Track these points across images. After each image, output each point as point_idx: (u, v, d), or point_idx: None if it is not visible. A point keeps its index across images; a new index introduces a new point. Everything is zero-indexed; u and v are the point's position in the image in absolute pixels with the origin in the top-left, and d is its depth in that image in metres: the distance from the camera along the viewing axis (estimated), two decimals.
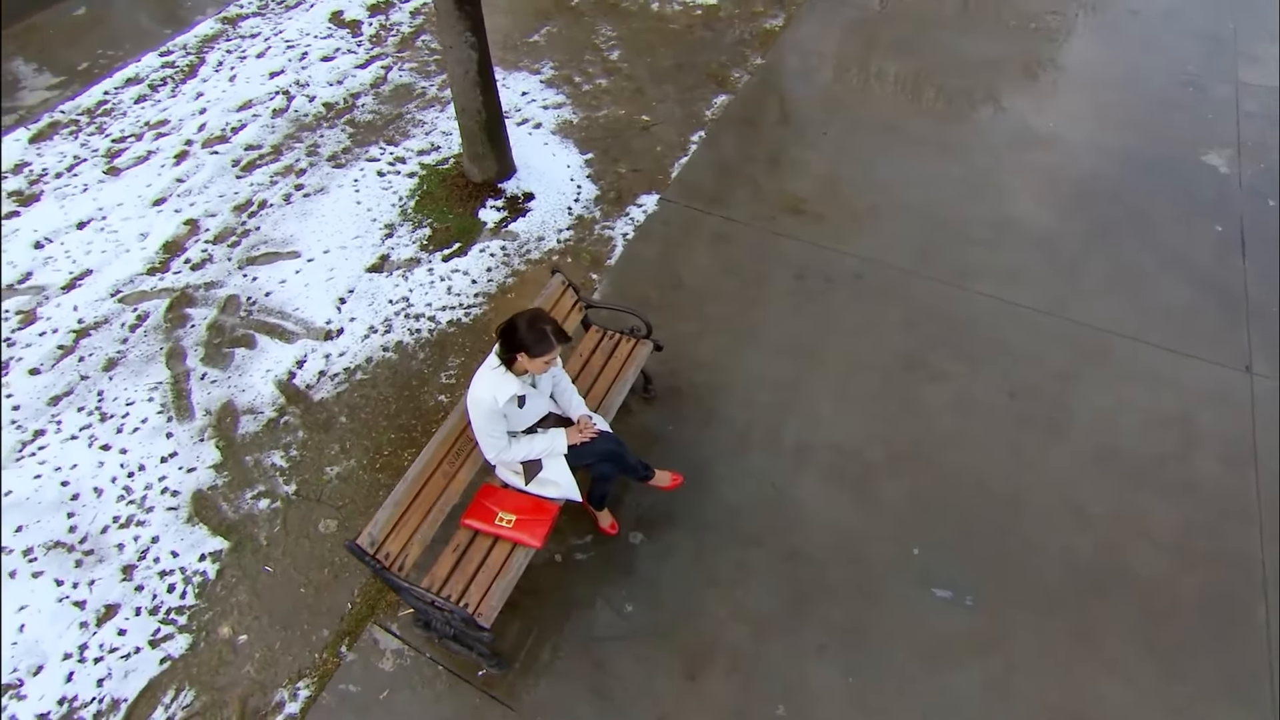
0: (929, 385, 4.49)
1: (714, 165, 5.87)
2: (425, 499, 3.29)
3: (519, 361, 3.08)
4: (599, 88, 6.52)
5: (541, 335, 2.99)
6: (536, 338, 2.99)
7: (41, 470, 4.14)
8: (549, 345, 3.00)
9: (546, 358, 3.03)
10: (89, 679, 3.47)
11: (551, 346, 3.01)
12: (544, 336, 2.99)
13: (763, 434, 4.28)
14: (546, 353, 3.01)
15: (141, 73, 6.66)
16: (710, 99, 6.41)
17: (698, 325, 4.80)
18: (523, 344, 3.00)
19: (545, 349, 3.00)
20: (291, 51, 6.83)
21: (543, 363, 3.05)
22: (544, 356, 3.02)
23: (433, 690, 3.43)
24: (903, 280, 5.04)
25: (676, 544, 3.87)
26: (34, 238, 5.28)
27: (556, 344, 3.02)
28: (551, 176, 5.67)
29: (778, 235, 5.34)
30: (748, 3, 7.50)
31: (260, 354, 4.66)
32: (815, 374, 4.55)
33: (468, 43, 4.74)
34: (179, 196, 5.56)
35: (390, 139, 6.03)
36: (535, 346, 3.00)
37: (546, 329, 3.00)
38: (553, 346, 3.01)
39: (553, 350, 3.02)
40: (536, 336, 2.99)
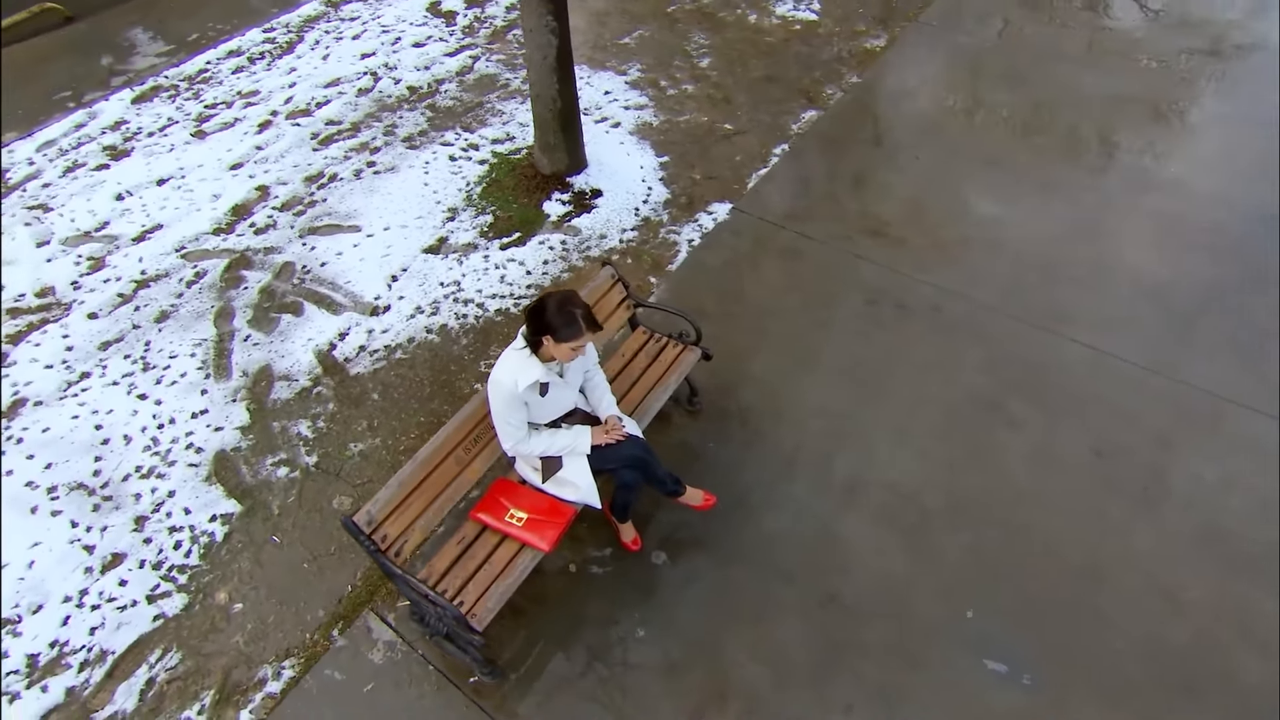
0: (1003, 432, 4.04)
1: (794, 179, 5.56)
2: (433, 484, 3.07)
3: (545, 346, 2.85)
4: (684, 93, 6.33)
5: (570, 319, 2.75)
6: (565, 320, 2.75)
7: (80, 411, 4.14)
8: (577, 330, 2.76)
9: (574, 344, 2.79)
10: (83, 625, 3.39)
11: (580, 332, 2.76)
12: (573, 320, 2.75)
13: (811, 464, 3.92)
14: (574, 338, 2.77)
15: (243, 46, 6.84)
16: (799, 113, 6.12)
17: (755, 341, 4.48)
18: (550, 326, 2.77)
19: (573, 334, 2.76)
20: (385, 36, 6.91)
21: (570, 349, 2.81)
22: (571, 342, 2.78)
23: (419, 690, 3.19)
24: (986, 317, 4.60)
25: (702, 570, 3.54)
26: (117, 190, 5.40)
27: (586, 330, 2.77)
28: (623, 175, 5.48)
29: (853, 256, 4.98)
30: (850, 21, 7.20)
31: (305, 322, 4.59)
32: (876, 407, 4.16)
33: (548, 27, 4.61)
34: (255, 163, 5.62)
35: (467, 126, 5.97)
36: (563, 330, 2.76)
37: (576, 313, 2.76)
38: (581, 332, 2.76)
39: (581, 336, 2.77)
40: (565, 319, 2.75)
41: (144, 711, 3.16)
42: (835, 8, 7.39)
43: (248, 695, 3.19)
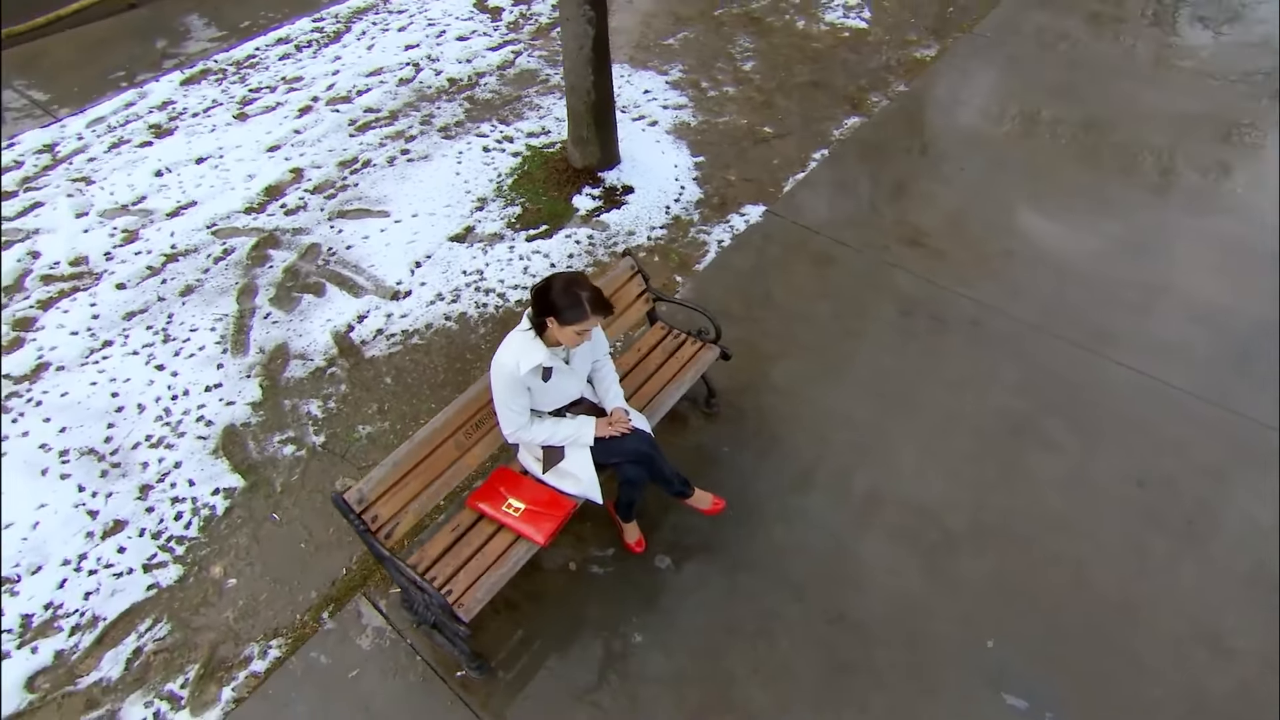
0: (1037, 455, 3.81)
1: (832, 185, 5.39)
2: (430, 467, 2.98)
3: (550, 329, 2.74)
4: (725, 95, 6.21)
5: (575, 300, 2.63)
6: (570, 302, 2.63)
7: (98, 379, 4.16)
8: (582, 313, 2.64)
9: (578, 327, 2.67)
10: (78, 589, 3.36)
11: (585, 315, 2.64)
12: (578, 302, 2.63)
13: (830, 476, 3.74)
14: (579, 321, 2.65)
15: (292, 34, 6.94)
16: (841, 120, 5.96)
17: (779, 347, 4.32)
18: (554, 307, 2.65)
19: (577, 316, 2.64)
20: (431, 29, 6.94)
21: (574, 333, 2.69)
22: (576, 325, 2.66)
23: (404, 681, 3.08)
24: (1027, 335, 4.37)
25: (707, 578, 3.38)
26: (157, 166, 5.48)
27: (591, 314, 2.65)
28: (655, 173, 5.38)
29: (889, 265, 4.79)
30: (900, 30, 7.02)
31: (326, 303, 4.57)
32: (902, 421, 3.96)
33: (585, 16, 4.54)
34: (292, 146, 5.66)
35: (503, 118, 5.94)
36: (567, 311, 2.64)
37: (583, 295, 2.64)
38: (586, 315, 2.64)
39: (586, 320, 2.65)
40: (570, 301, 2.63)
41: (128, 681, 3.11)
42: (886, 17, 7.22)
43: (232, 673, 3.12)
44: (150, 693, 3.07)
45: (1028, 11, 7.30)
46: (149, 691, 3.07)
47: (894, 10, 7.32)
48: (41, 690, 3.09)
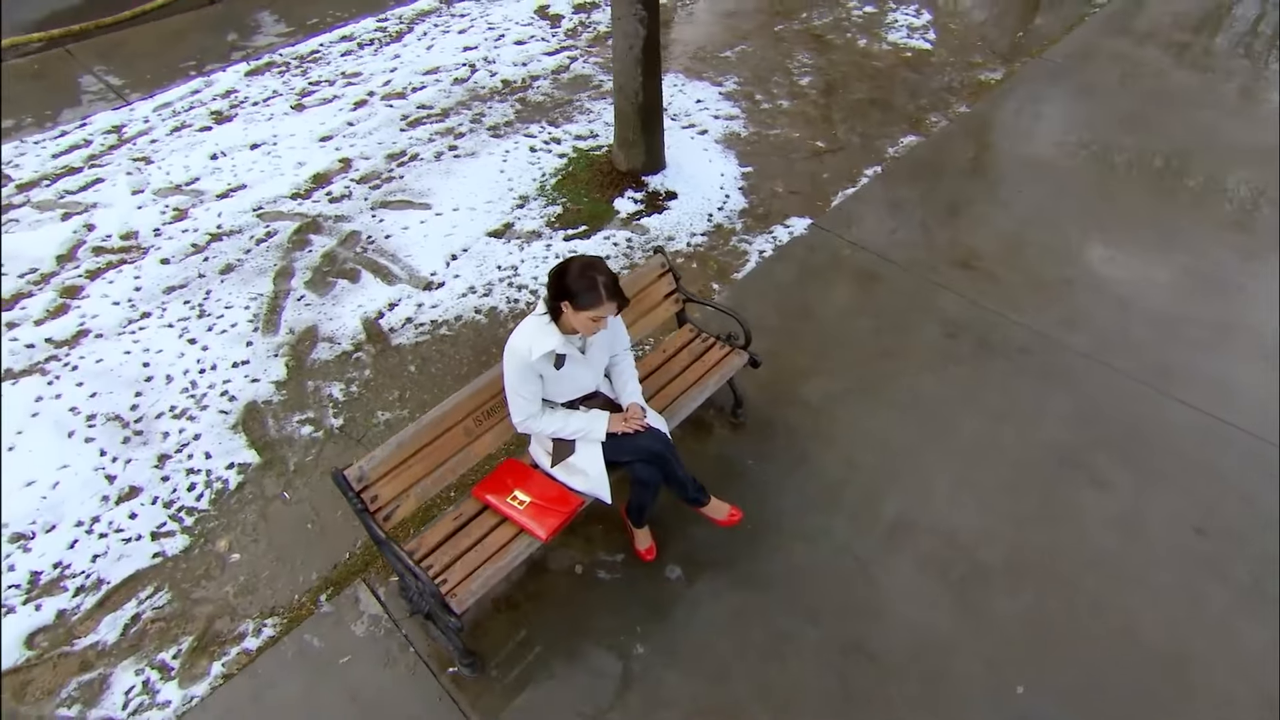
0: (1086, 493, 3.54)
1: (882, 202, 5.21)
2: (436, 451, 2.89)
3: (565, 314, 2.64)
4: (779, 108, 6.10)
5: (591, 284, 2.53)
6: (585, 285, 2.53)
7: (133, 348, 4.21)
8: (597, 298, 2.53)
9: (593, 313, 2.56)
10: (87, 551, 3.36)
11: (600, 301, 2.53)
12: (593, 286, 2.52)
13: (857, 497, 3.54)
14: (593, 307, 2.54)
15: (356, 33, 7.08)
16: (898, 138, 5.78)
17: (814, 361, 4.15)
18: (569, 291, 2.55)
19: (592, 301, 2.53)
20: (490, 33, 7.01)
21: (589, 319, 2.58)
22: (590, 311, 2.55)
23: (393, 672, 2.98)
24: (1081, 366, 4.11)
25: (718, 593, 3.21)
26: (213, 150, 5.60)
27: (607, 300, 2.54)
28: (700, 181, 5.28)
29: (937, 286, 4.58)
30: (966, 53, 6.82)
31: (359, 289, 4.56)
32: (939, 446, 3.74)
33: (637, 15, 4.49)
34: (344, 137, 5.73)
35: (553, 120, 5.93)
36: (582, 296, 2.53)
37: (599, 279, 2.53)
38: (601, 301, 2.54)
39: (601, 305, 2.54)
40: (585, 284, 2.53)
41: (123, 646, 3.08)
42: (952, 39, 7.04)
43: (224, 648, 3.06)
44: (143, 660, 3.03)
45: (1106, 39, 7.03)
46: (141, 659, 3.03)
47: (960, 33, 7.13)
48: (39, 648, 3.08)
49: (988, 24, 7.25)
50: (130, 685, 2.96)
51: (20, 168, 5.52)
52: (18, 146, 5.73)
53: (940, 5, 7.59)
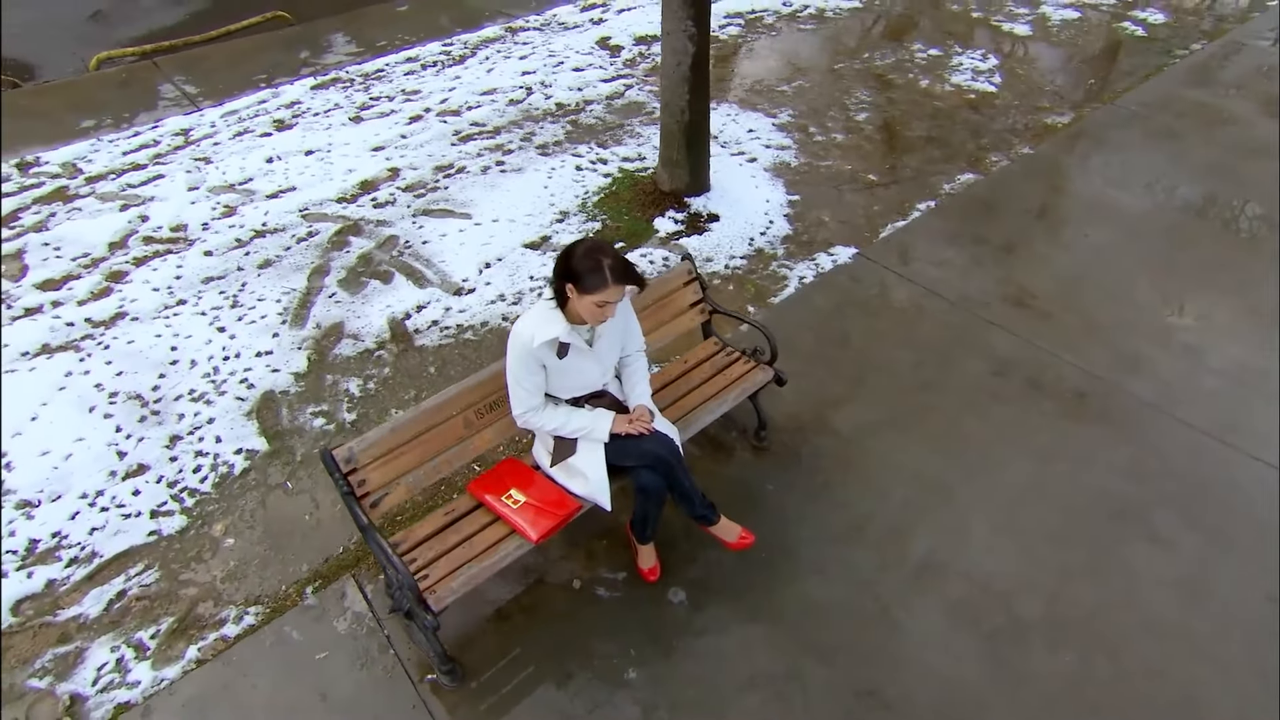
0: (1142, 549, 3.20)
1: (933, 236, 4.99)
2: (432, 441, 2.77)
3: (571, 301, 2.51)
4: (832, 141, 5.97)
5: (595, 265, 2.39)
6: (589, 267, 2.40)
7: (163, 332, 4.25)
8: (602, 280, 2.39)
9: (598, 297, 2.42)
10: (86, 524, 3.32)
11: (606, 284, 2.40)
12: (598, 268, 2.39)
13: (883, 534, 3.27)
14: (599, 290, 2.41)
15: (421, 55, 7.28)
16: (955, 175, 5.58)
17: (848, 390, 3.92)
18: (573, 272, 2.43)
19: (597, 284, 2.40)
20: (550, 59, 7.11)
21: (594, 304, 2.44)
22: (596, 295, 2.42)
23: (370, 673, 2.81)
24: (1144, 414, 3.78)
25: (724, 622, 2.96)
26: (269, 154, 5.75)
27: (613, 283, 2.40)
28: (745, 205, 5.16)
29: (986, 322, 4.31)
30: (1033, 97, 6.60)
31: (390, 290, 4.54)
32: (978, 486, 3.45)
33: (686, 32, 4.44)
34: (395, 148, 5.82)
35: (602, 142, 5.91)
36: (587, 277, 2.40)
37: (604, 260, 2.40)
38: (607, 284, 2.40)
39: (607, 288, 2.40)
40: (590, 265, 2.40)
41: (104, 621, 2.99)
42: (1018, 83, 6.84)
43: (203, 632, 2.95)
44: (120, 638, 2.94)
45: (1187, 88, 6.73)
46: (120, 636, 2.94)
47: (1028, 77, 6.92)
48: (23, 616, 3.02)
49: (1058, 70, 7.03)
50: (104, 661, 2.87)
51: (92, 162, 5.76)
52: (93, 144, 5.99)
53: (1008, 51, 7.42)
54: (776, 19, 8.02)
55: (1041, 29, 7.81)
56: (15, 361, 4.08)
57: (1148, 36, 7.68)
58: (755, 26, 7.87)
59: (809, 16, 8.08)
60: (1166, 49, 7.43)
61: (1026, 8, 8.26)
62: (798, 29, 7.83)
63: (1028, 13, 8.14)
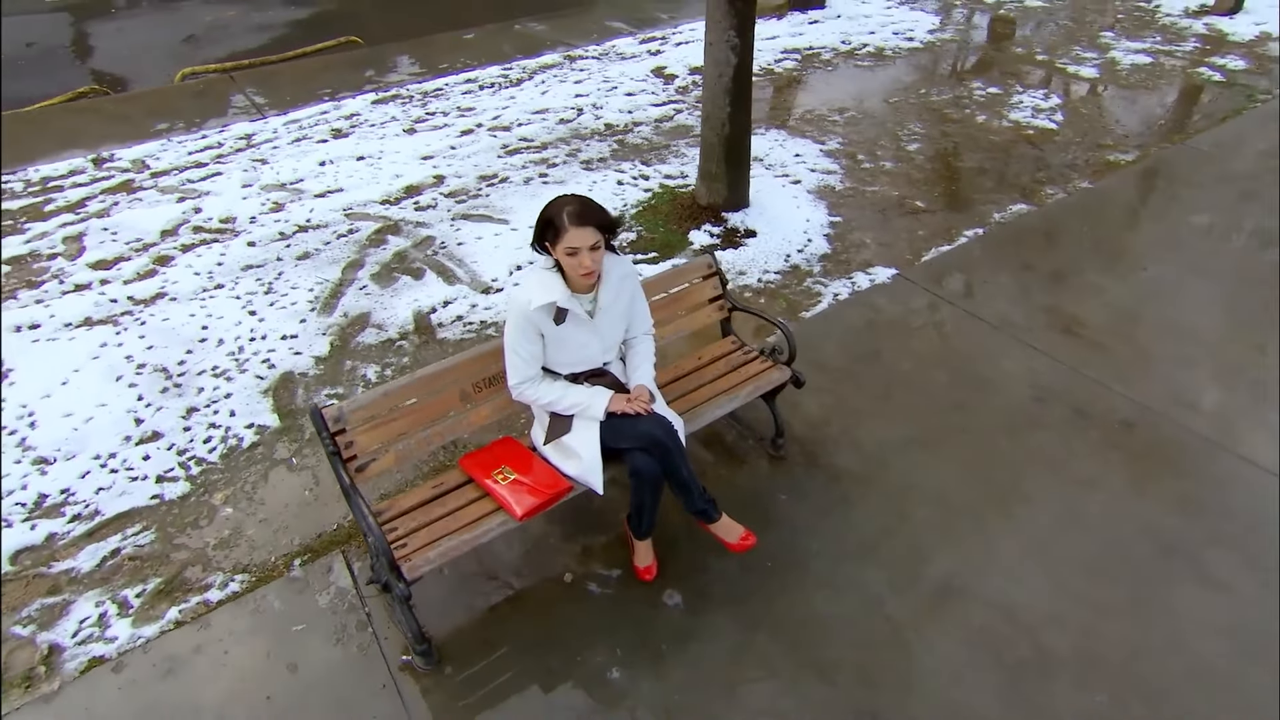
0: (1192, 590, 2.89)
1: (979, 262, 4.79)
2: (426, 410, 2.71)
3: (559, 261, 2.46)
4: (880, 168, 5.85)
5: (556, 212, 2.40)
6: (550, 214, 2.42)
7: (198, 313, 4.34)
8: (561, 224, 2.37)
9: (563, 244, 2.38)
10: (93, 483, 3.36)
11: (564, 227, 2.36)
12: (558, 213, 2.39)
13: (901, 553, 3.04)
14: (561, 235, 2.37)
15: (480, 78, 7.49)
16: (1006, 205, 5.38)
17: (874, 405, 3.72)
18: (541, 226, 2.44)
19: (559, 229, 2.38)
20: (604, 84, 7.23)
21: (564, 254, 2.40)
22: (561, 243, 2.38)
23: (345, 650, 2.71)
24: (1200, 449, 3.48)
25: (719, 628, 2.78)
26: (322, 158, 5.94)
27: (570, 225, 2.36)
28: (784, 223, 5.05)
29: (1029, 348, 4.08)
30: (1096, 135, 6.37)
31: (420, 286, 4.57)
32: (1008, 511, 3.20)
33: (729, 43, 4.43)
34: (443, 157, 5.94)
35: (646, 160, 5.93)
36: (550, 226, 2.41)
37: (565, 207, 2.39)
38: (565, 228, 2.36)
39: (567, 232, 2.36)
40: (551, 213, 2.42)
41: (95, 577, 2.98)
42: (1081, 121, 6.62)
43: (187, 595, 2.91)
44: (107, 594, 2.91)
45: (1264, 132, 6.40)
46: (106, 592, 2.92)
47: (1092, 117, 6.70)
48: (20, 565, 3.03)
49: (1125, 111, 6.79)
50: (87, 615, 2.84)
51: (159, 160, 6.04)
52: (163, 144, 6.30)
53: (1071, 91, 7.22)
54: (834, 55, 8.02)
55: (1109, 72, 7.59)
56: (58, 331, 4.22)
57: (1226, 82, 7.39)
58: (811, 62, 7.88)
59: (867, 54, 8.05)
60: (1247, 94, 7.11)
61: (1094, 53, 8.06)
62: (854, 65, 7.80)
63: (1095, 57, 7.94)
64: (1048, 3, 9.65)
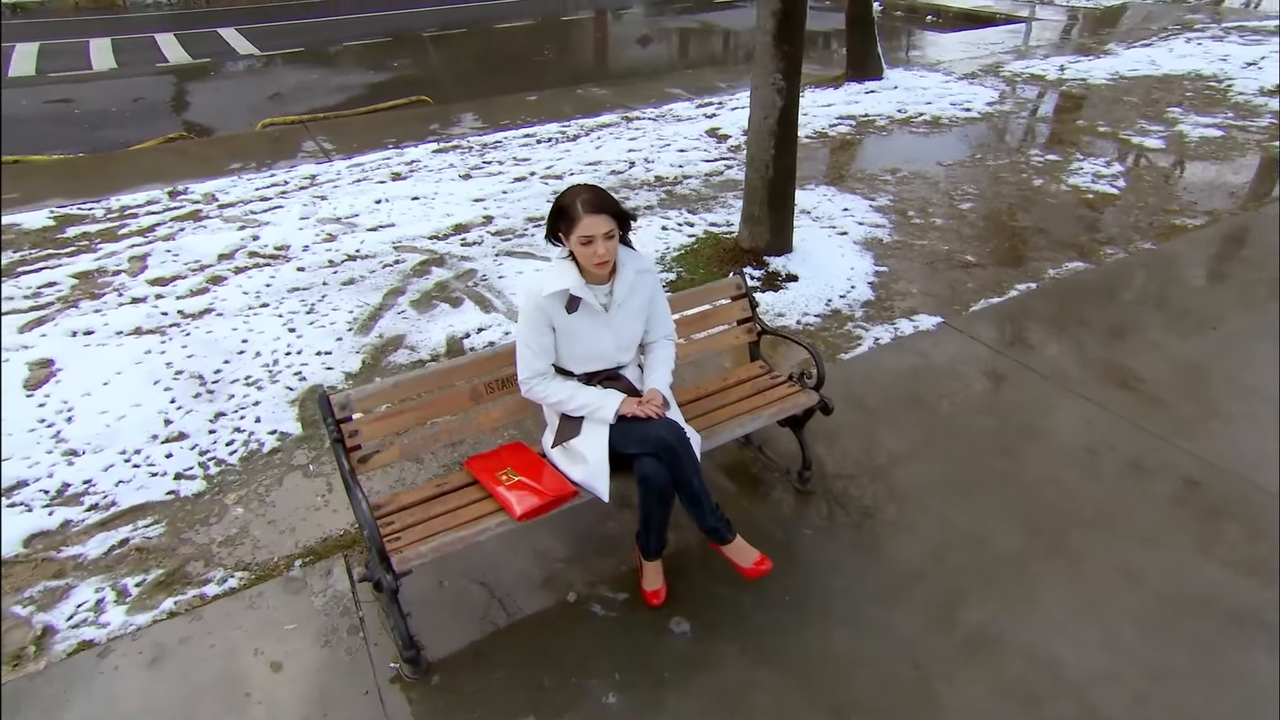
0: (1265, 660, 2.57)
1: (1031, 315, 4.59)
2: (435, 406, 2.66)
3: (574, 252, 2.43)
4: (931, 224, 5.74)
5: (570, 201, 2.39)
6: (566, 202, 2.40)
7: (240, 327, 4.44)
8: (576, 213, 2.35)
9: (578, 233, 2.35)
10: (115, 476, 3.38)
11: (579, 215, 2.34)
12: (572, 203, 2.38)
13: (933, 596, 2.80)
14: (575, 224, 2.35)
15: (539, 133, 7.75)
16: (1062, 263, 5.18)
17: (911, 447, 3.52)
18: (555, 217, 2.43)
19: (573, 218, 2.36)
20: (658, 142, 7.38)
21: (579, 243, 2.36)
22: (576, 231, 2.35)
23: (330, 652, 2.60)
24: (1273, 511, 3.16)
25: (727, 661, 2.57)
26: (379, 196, 6.16)
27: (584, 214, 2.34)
28: (827, 270, 4.96)
29: (1083, 399, 3.83)
30: (1161, 199, 6.16)
31: (457, 313, 4.60)
32: (1055, 563, 2.94)
33: (775, 86, 4.46)
34: (494, 200, 6.09)
35: (693, 209, 5.96)
36: (565, 216, 2.39)
37: (579, 195, 2.38)
38: (580, 215, 2.34)
39: (581, 219, 2.34)
40: (565, 203, 2.40)
41: (99, 564, 2.96)
42: (1144, 186, 6.42)
43: (185, 589, 2.85)
44: (108, 581, 2.88)
45: None
46: (108, 579, 2.89)
47: (1157, 183, 6.49)
48: (33, 549, 3.04)
49: (1193, 179, 6.56)
50: (85, 600, 2.81)
51: (228, 194, 6.36)
52: (234, 180, 6.64)
53: (1135, 159, 7.04)
54: (889, 122, 8.05)
55: (1177, 144, 7.40)
56: (109, 338, 4.36)
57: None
58: (866, 127, 7.91)
59: (922, 122, 8.05)
60: None
61: (1160, 126, 7.90)
62: (909, 131, 7.80)
63: (1161, 130, 7.77)
64: (1112, 81, 9.57)
